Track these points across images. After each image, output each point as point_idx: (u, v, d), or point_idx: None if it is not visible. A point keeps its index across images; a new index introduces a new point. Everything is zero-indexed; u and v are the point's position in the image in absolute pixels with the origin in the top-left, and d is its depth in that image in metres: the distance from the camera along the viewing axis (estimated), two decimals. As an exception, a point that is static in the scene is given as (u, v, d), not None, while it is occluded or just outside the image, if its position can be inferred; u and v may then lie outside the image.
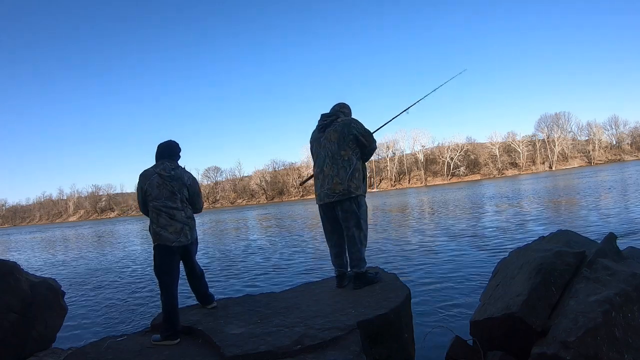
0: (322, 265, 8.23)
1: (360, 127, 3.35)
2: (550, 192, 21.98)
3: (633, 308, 2.31)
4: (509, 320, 2.53)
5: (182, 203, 3.13)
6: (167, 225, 3.04)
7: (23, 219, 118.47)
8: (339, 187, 3.24)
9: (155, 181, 3.07)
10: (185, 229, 3.11)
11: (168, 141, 3.30)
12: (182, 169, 3.23)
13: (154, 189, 3.06)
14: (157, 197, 3.05)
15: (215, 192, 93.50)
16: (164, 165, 3.15)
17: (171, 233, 3.04)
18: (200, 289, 3.39)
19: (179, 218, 3.08)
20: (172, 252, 3.06)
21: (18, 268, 3.78)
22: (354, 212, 3.26)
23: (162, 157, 3.21)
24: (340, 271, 3.53)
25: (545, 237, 3.35)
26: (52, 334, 4.00)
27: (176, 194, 3.09)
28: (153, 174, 3.10)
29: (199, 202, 3.34)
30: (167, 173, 3.10)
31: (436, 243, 9.56)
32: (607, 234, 3.02)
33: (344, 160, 3.26)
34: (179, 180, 3.13)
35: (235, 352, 2.45)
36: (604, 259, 2.64)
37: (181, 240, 3.08)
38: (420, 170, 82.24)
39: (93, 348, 2.85)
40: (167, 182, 3.08)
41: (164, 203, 3.05)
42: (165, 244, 3.03)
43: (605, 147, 78.71)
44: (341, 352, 2.38)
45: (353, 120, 3.39)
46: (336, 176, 3.26)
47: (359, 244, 3.30)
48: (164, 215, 3.04)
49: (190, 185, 3.20)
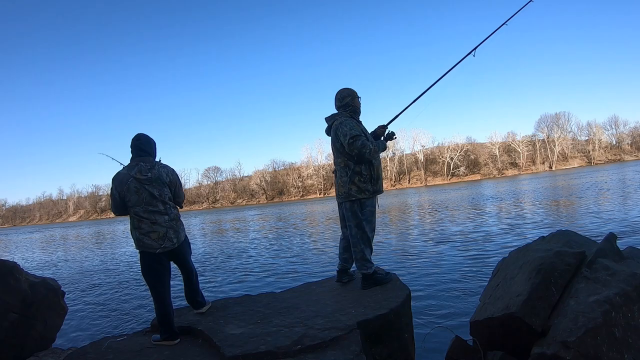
0: (322, 265, 8.23)
1: (342, 134, 3.22)
2: (550, 192, 21.97)
3: (633, 308, 2.31)
4: (509, 320, 2.53)
5: (164, 205, 2.93)
6: (149, 232, 2.85)
7: (23, 219, 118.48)
8: (341, 189, 3.35)
9: (133, 186, 2.85)
10: (170, 233, 2.92)
11: (140, 135, 3.02)
12: (159, 166, 2.99)
13: (132, 194, 2.85)
14: (137, 202, 2.85)
15: (215, 192, 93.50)
16: (139, 166, 2.90)
17: (155, 240, 2.86)
18: (189, 294, 3.21)
19: (162, 222, 2.89)
20: (159, 258, 2.90)
21: (18, 268, 3.79)
22: (355, 213, 3.31)
23: (137, 155, 2.96)
24: (343, 266, 3.58)
25: (545, 237, 3.35)
26: (52, 334, 4.01)
27: (156, 197, 2.89)
28: (129, 179, 2.85)
29: (181, 195, 3.13)
30: (143, 176, 2.87)
31: (436, 243, 9.56)
32: (607, 234, 3.02)
33: (341, 167, 3.34)
34: (158, 180, 2.92)
35: (235, 352, 2.45)
36: (604, 259, 2.64)
37: (166, 246, 2.90)
38: (420, 170, 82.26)
39: (93, 348, 2.85)
40: (145, 185, 2.87)
41: (145, 208, 2.85)
42: (149, 251, 2.87)
43: (605, 147, 78.67)
44: (341, 352, 2.38)
45: (339, 126, 3.27)
46: (340, 179, 3.36)
47: (361, 244, 3.31)
48: (145, 222, 2.85)
49: (170, 182, 3.00)
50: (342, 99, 3.42)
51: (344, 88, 3.47)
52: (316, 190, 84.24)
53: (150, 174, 2.90)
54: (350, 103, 3.40)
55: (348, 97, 3.41)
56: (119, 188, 2.86)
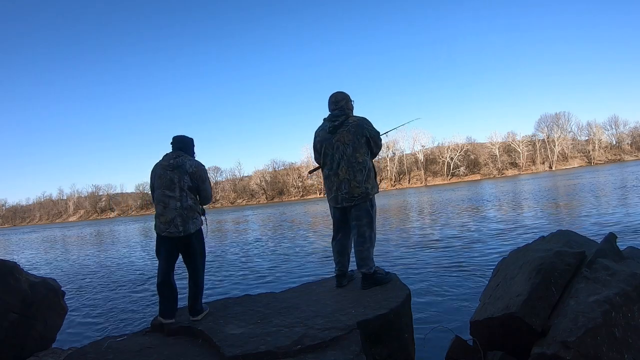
0: (321, 266, 8.23)
1: (372, 128, 3.30)
2: (550, 192, 21.97)
3: (633, 308, 2.31)
4: (509, 320, 2.53)
5: (181, 192, 3.07)
6: (159, 215, 3.09)
7: (23, 219, 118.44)
8: (357, 190, 3.24)
9: (158, 172, 3.15)
10: (177, 220, 3.04)
11: (175, 137, 3.32)
12: (185, 157, 3.18)
13: (156, 179, 3.15)
14: (158, 186, 3.12)
15: (215, 192, 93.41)
16: (167, 155, 3.21)
17: (162, 223, 3.06)
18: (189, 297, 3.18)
19: (172, 207, 3.05)
20: (164, 242, 3.11)
21: (18, 268, 3.78)
22: (367, 211, 3.28)
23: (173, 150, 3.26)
24: (341, 270, 3.52)
25: (545, 237, 3.35)
26: (52, 334, 4.00)
27: (175, 183, 3.07)
28: (158, 166, 3.18)
29: (205, 189, 3.22)
30: (167, 162, 3.14)
31: (436, 243, 9.56)
32: (607, 234, 3.02)
33: (359, 163, 3.25)
34: (180, 168, 3.09)
35: (235, 352, 2.45)
36: (604, 259, 2.64)
37: (171, 231, 3.04)
38: (420, 170, 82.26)
39: (93, 348, 2.85)
40: (167, 171, 3.11)
41: (163, 192, 3.08)
42: (158, 233, 3.11)
43: (605, 147, 78.67)
44: (341, 352, 2.38)
45: (365, 120, 3.31)
46: (353, 180, 3.24)
47: (368, 243, 3.29)
48: (160, 205, 3.09)
49: (192, 172, 3.11)
50: (337, 102, 3.41)
51: (338, 92, 3.48)
52: (316, 190, 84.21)
53: (173, 161, 3.14)
54: (345, 107, 3.40)
55: (342, 100, 3.42)
56: (151, 175, 3.22)
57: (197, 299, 3.18)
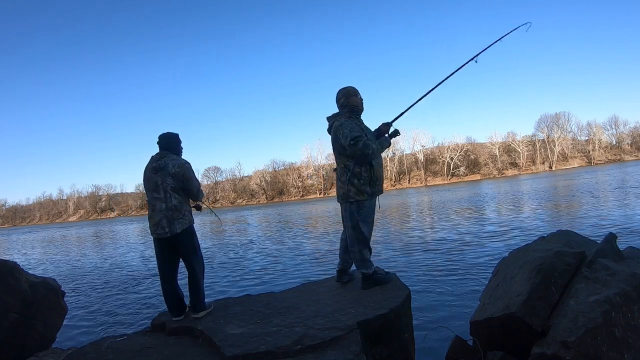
0: (322, 265, 8.23)
1: (342, 136, 3.19)
2: (550, 192, 21.97)
3: (633, 308, 2.31)
4: (509, 320, 2.53)
5: (165, 193, 3.09)
6: (149, 217, 3.16)
7: (23, 219, 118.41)
8: (339, 190, 3.35)
9: (147, 175, 3.19)
10: (163, 221, 3.06)
11: (164, 133, 3.32)
12: (168, 158, 3.15)
13: (145, 182, 3.20)
14: (147, 189, 3.19)
15: (215, 192, 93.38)
16: (152, 157, 3.22)
17: (152, 225, 3.13)
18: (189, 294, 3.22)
19: (158, 209, 3.09)
20: (157, 243, 3.18)
21: (18, 268, 3.79)
22: (351, 214, 3.30)
23: (160, 150, 3.26)
24: (343, 265, 3.59)
25: (545, 237, 3.35)
26: (52, 334, 4.01)
27: (159, 185, 3.10)
28: (146, 169, 3.22)
29: (192, 186, 3.20)
30: (152, 165, 3.17)
31: (436, 243, 9.56)
32: (607, 234, 3.02)
33: (341, 167, 3.32)
34: (163, 170, 3.10)
35: (235, 352, 2.45)
36: (604, 259, 2.64)
37: (158, 233, 3.08)
38: (420, 170, 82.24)
39: (93, 348, 2.85)
40: (152, 174, 3.14)
41: (151, 195, 3.14)
42: (151, 235, 3.18)
43: (605, 147, 78.62)
44: (341, 352, 2.38)
45: (338, 128, 3.24)
46: (339, 180, 3.36)
47: (357, 245, 3.31)
48: (150, 207, 3.16)
49: (175, 173, 3.08)
50: (337, 100, 3.42)
51: (341, 88, 3.45)
52: (316, 190, 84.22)
53: (156, 164, 3.16)
54: (345, 103, 3.37)
55: (342, 97, 3.39)
56: (143, 178, 3.26)
57: (197, 296, 3.20)
